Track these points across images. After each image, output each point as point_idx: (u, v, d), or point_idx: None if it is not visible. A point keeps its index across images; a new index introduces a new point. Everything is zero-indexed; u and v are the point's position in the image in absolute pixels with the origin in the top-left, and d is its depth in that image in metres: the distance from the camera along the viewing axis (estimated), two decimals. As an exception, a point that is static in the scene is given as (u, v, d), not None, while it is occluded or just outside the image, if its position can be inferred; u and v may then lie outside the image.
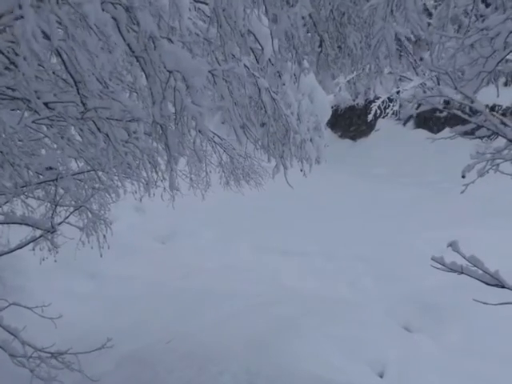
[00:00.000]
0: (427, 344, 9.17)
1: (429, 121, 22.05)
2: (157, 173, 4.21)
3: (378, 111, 19.17)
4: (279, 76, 4.22)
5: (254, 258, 13.26)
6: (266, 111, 4.22)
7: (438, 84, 21.74)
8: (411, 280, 11.50)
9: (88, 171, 5.21)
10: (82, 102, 3.06)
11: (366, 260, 12.80)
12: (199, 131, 3.05)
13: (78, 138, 4.53)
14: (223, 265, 12.83)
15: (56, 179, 4.83)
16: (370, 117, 18.82)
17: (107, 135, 3.36)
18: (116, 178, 5.31)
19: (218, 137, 8.13)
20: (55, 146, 4.66)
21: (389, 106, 19.43)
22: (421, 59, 21.90)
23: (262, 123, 4.29)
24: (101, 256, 6.74)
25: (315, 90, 4.38)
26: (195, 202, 14.35)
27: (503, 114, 19.19)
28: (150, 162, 4.18)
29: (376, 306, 10.41)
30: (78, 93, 3.16)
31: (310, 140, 4.41)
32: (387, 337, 9.11)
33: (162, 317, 9.96)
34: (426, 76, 20.32)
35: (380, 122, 22.36)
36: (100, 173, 5.27)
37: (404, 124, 22.80)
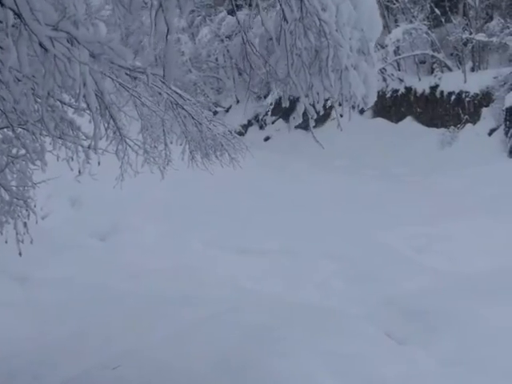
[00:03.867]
0: (421, 356, 7.85)
1: (388, 110, 20.92)
2: (107, 120, 2.48)
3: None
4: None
5: (207, 257, 12.07)
6: (284, 16, 2.55)
7: (399, 69, 20.67)
8: (389, 282, 10.36)
9: (2, 128, 3.46)
10: None
11: (335, 258, 11.54)
12: None
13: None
14: (173, 265, 11.53)
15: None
16: (329, 102, 17.35)
17: (18, 15, 1.68)
18: (42, 138, 3.51)
19: (181, 96, 6.34)
20: None
21: (348, 91, 18.09)
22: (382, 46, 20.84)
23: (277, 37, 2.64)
24: (20, 255, 4.99)
25: (360, -10, 2.81)
26: (138, 194, 12.74)
27: (471, 102, 18.08)
28: (96, 94, 2.48)
29: (355, 313, 9.34)
30: None
31: (354, 67, 2.82)
32: (379, 350, 7.78)
33: (105, 328, 8.34)
34: (386, 62, 19.23)
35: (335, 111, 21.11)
36: (19, 130, 3.51)
37: (361, 113, 21.61)
